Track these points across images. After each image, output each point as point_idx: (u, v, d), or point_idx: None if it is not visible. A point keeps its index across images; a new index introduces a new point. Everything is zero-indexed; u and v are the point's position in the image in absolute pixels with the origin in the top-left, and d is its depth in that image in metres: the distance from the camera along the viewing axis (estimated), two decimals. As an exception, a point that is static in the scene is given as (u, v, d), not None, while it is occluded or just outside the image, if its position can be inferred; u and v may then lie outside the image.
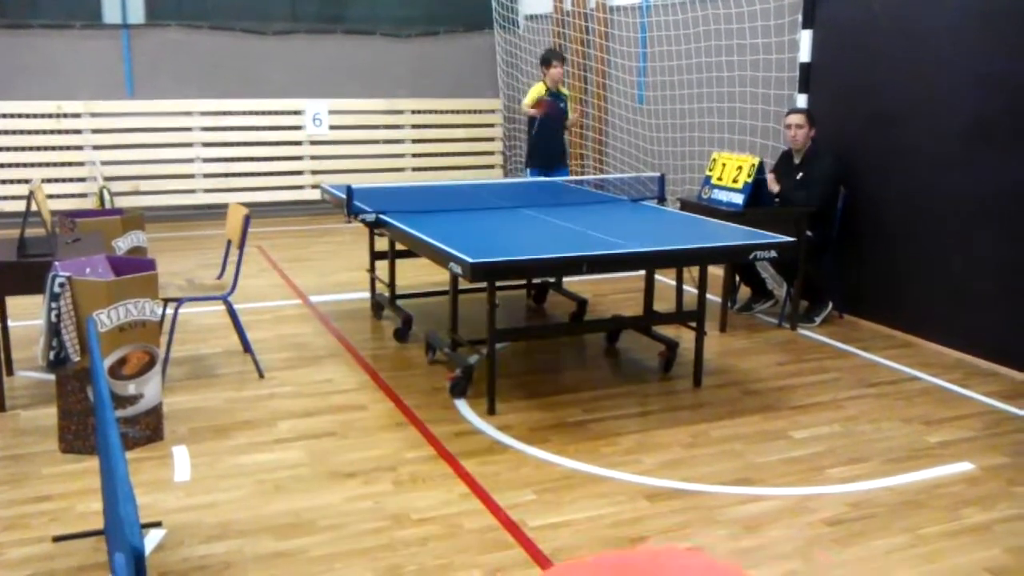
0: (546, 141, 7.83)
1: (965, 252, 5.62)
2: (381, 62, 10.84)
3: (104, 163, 9.70)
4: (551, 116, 7.75)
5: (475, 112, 11.12)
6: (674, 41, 8.15)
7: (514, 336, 5.76)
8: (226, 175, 10.22)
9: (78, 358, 3.93)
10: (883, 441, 4.40)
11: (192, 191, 10.13)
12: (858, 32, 6.26)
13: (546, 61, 7.76)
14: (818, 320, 6.33)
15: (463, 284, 4.85)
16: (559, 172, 7.86)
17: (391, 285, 6.17)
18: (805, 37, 6.58)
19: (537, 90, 7.82)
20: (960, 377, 5.31)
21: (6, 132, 9.43)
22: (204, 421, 4.51)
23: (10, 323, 5.08)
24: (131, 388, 4.11)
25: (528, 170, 8.01)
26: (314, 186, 10.35)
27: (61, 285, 3.85)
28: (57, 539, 3.36)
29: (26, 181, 9.23)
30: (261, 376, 5.15)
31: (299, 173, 10.55)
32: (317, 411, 4.68)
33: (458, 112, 11.05)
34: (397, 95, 10.83)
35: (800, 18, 6.63)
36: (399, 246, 5.86)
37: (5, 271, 4.46)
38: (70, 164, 9.68)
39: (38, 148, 9.56)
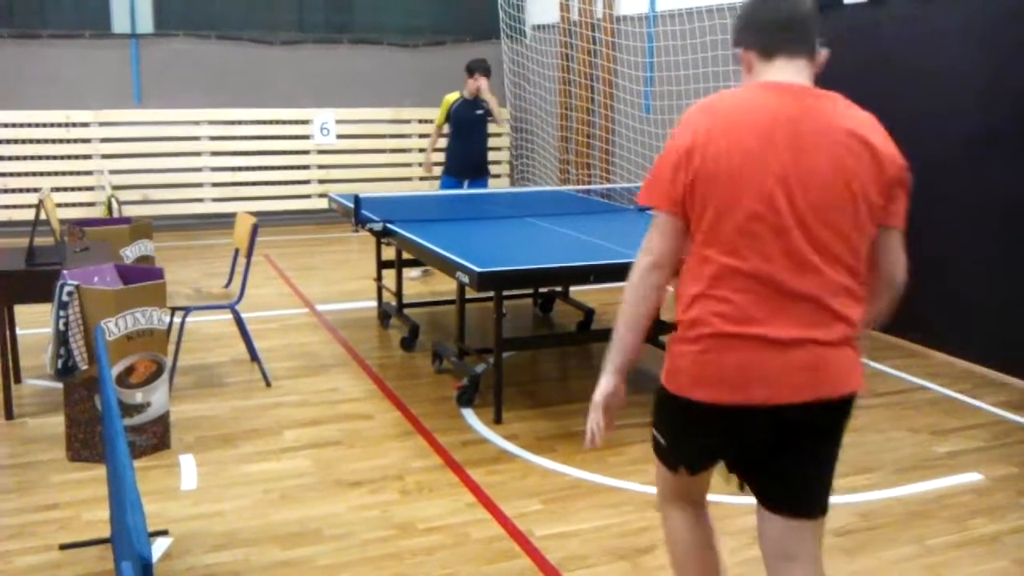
0: (458, 152, 7.69)
1: (974, 261, 5.61)
2: (388, 71, 10.87)
3: (112, 172, 9.74)
4: (461, 125, 7.59)
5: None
6: (681, 51, 8.16)
7: (521, 345, 5.76)
8: (234, 184, 10.26)
9: (86, 366, 3.94)
10: (891, 451, 4.39)
11: (200, 200, 10.17)
12: (864, 42, 6.26)
13: (469, 70, 7.59)
14: (825, 330, 6.30)
15: (470, 293, 4.84)
16: (477, 184, 7.64)
17: (398, 294, 6.17)
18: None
19: (446, 102, 7.69)
20: (969, 387, 5.29)
21: (15, 141, 9.48)
22: (211, 430, 4.52)
23: (19, 331, 5.10)
24: (138, 396, 4.11)
25: (442, 179, 7.85)
26: (321, 195, 10.36)
27: (69, 294, 3.86)
28: (64, 547, 3.37)
29: (35, 190, 9.28)
30: (268, 385, 5.16)
31: (306, 182, 10.58)
32: (324, 420, 4.68)
33: (465, 121, 11.05)
34: (404, 104, 10.86)
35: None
36: (406, 255, 5.87)
37: (14, 279, 4.50)
38: (78, 173, 9.73)
39: (47, 157, 9.61)
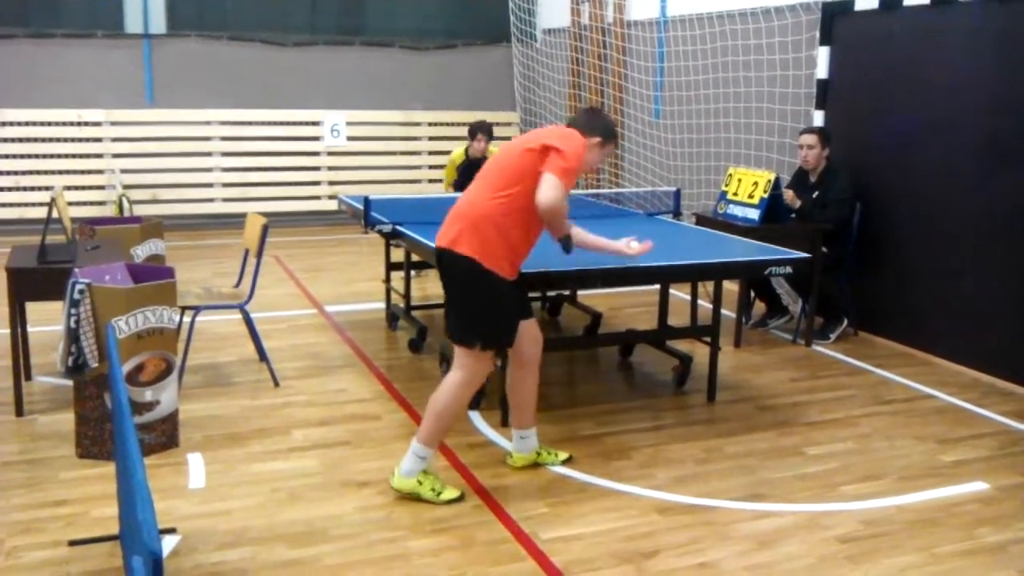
0: None
1: (981, 271, 5.61)
2: (399, 74, 10.91)
3: (123, 171, 9.79)
4: (466, 185, 7.87)
5: (492, 125, 11.13)
6: (691, 56, 8.18)
7: (528, 348, 5.75)
8: (244, 184, 10.30)
9: (96, 364, 3.97)
10: (897, 459, 4.39)
11: (210, 200, 10.22)
12: (875, 50, 6.27)
13: (472, 133, 7.86)
14: (833, 337, 6.31)
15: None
16: None
17: (406, 296, 6.19)
18: (822, 54, 6.59)
19: (452, 163, 7.94)
20: (976, 396, 5.28)
21: (28, 140, 9.55)
22: (219, 429, 4.54)
23: (30, 328, 5.13)
24: (148, 395, 4.14)
25: None
26: (331, 196, 10.40)
27: (81, 292, 3.89)
28: (73, 543, 3.39)
29: (47, 188, 9.33)
30: (276, 385, 5.18)
31: (317, 184, 10.62)
32: (331, 420, 4.70)
33: (475, 125, 11.08)
34: (414, 107, 10.90)
35: (817, 35, 6.64)
36: (415, 257, 5.89)
37: (26, 277, 4.53)
38: (90, 172, 9.79)
39: (59, 156, 9.67)
